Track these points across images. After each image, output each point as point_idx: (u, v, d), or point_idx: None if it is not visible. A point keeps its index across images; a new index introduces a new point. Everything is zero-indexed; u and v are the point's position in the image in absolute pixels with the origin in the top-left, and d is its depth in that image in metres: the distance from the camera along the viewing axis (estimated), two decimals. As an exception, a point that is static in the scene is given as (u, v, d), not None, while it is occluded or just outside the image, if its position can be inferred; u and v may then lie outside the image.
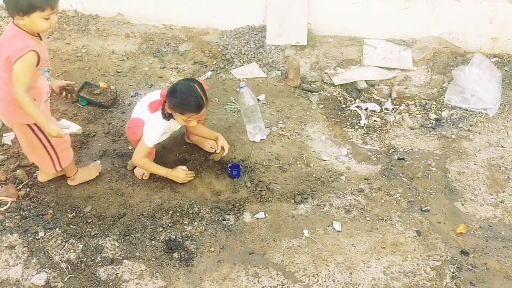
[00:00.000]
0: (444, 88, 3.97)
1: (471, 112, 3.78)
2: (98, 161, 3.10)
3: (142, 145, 2.82)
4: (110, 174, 3.08)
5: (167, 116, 2.80)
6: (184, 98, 2.69)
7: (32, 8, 2.26)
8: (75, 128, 2.59)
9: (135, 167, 3.09)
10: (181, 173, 2.98)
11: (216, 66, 4.14)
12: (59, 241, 2.66)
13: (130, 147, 3.26)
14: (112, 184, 3.01)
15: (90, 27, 4.43)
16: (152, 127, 2.81)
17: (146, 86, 3.85)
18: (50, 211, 2.82)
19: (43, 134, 2.61)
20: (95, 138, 3.33)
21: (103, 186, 2.99)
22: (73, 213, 2.82)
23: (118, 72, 3.96)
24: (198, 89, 2.72)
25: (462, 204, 3.04)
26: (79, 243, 2.65)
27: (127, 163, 3.13)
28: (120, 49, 4.21)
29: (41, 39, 2.47)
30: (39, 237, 2.66)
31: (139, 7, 4.49)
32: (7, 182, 2.96)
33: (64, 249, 2.62)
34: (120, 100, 3.67)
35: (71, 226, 2.75)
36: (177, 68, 4.09)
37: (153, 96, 2.94)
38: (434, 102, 3.88)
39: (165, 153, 3.24)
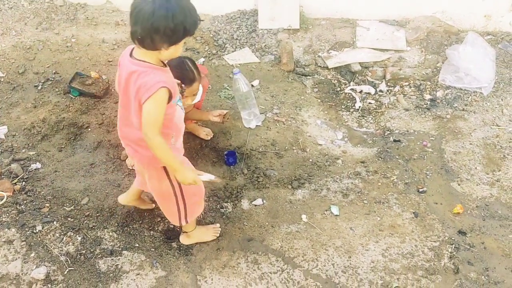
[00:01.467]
0: (438, 68, 3.95)
1: (466, 91, 3.77)
2: (218, 224, 2.73)
3: None
4: (106, 165, 3.06)
5: None
6: (176, 72, 2.53)
7: (185, 35, 1.96)
8: (211, 176, 2.32)
9: (127, 157, 3.07)
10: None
11: (209, 52, 4.09)
12: (57, 234, 2.65)
13: (124, 138, 3.24)
14: (108, 175, 2.99)
15: (79, 16, 4.35)
16: None
17: (138, 75, 3.80)
18: (47, 205, 2.81)
19: (177, 182, 2.26)
20: (89, 129, 3.30)
21: (99, 178, 2.97)
22: (71, 206, 2.80)
23: (110, 61, 3.90)
24: (189, 63, 2.67)
25: (459, 184, 3.06)
26: (77, 236, 2.65)
27: (121, 153, 3.11)
28: (110, 37, 4.15)
29: (165, 65, 2.09)
30: (37, 231, 2.65)
31: (128, -6, 4.41)
32: (2, 176, 2.93)
33: (63, 242, 2.61)
34: (113, 90, 3.62)
35: (69, 219, 2.74)
36: (169, 55, 4.04)
37: None
38: (429, 83, 3.87)
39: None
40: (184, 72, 2.65)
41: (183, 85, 2.36)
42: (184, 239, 2.63)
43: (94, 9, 4.44)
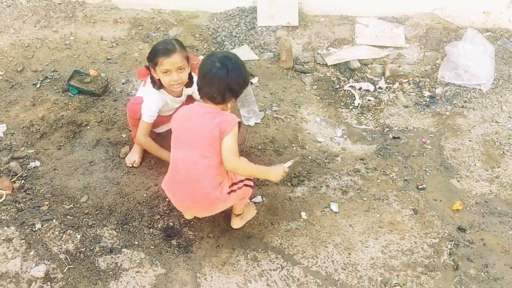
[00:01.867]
0: (437, 65, 3.95)
1: (465, 88, 3.77)
2: (251, 202, 2.85)
3: (141, 122, 2.83)
4: (105, 163, 3.05)
5: (156, 83, 2.78)
6: (156, 46, 2.71)
7: (245, 87, 2.39)
8: (291, 161, 2.58)
9: (126, 155, 3.07)
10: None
11: (207, 49, 4.08)
12: (56, 233, 2.65)
13: (123, 135, 3.23)
14: (107, 173, 2.99)
15: (77, 14, 4.34)
16: (147, 100, 2.82)
17: (137, 73, 3.80)
18: (46, 203, 2.80)
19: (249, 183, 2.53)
20: (88, 127, 3.29)
21: (98, 176, 2.97)
22: (70, 204, 2.80)
23: (108, 59, 3.90)
24: (172, 40, 2.74)
25: (458, 181, 3.06)
26: (77, 234, 2.64)
27: (120, 151, 3.11)
28: (109, 35, 4.14)
29: None
30: (36, 229, 2.65)
31: (126, -9, 4.41)
32: (1, 174, 2.93)
33: (62, 240, 2.61)
34: (111, 88, 3.62)
35: (68, 217, 2.73)
36: (168, 53, 4.03)
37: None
38: (428, 79, 3.87)
39: (158, 141, 3.21)
40: (162, 44, 2.69)
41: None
42: (237, 223, 2.68)
43: (93, 6, 4.43)
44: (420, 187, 2.99)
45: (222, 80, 2.25)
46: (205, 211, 2.55)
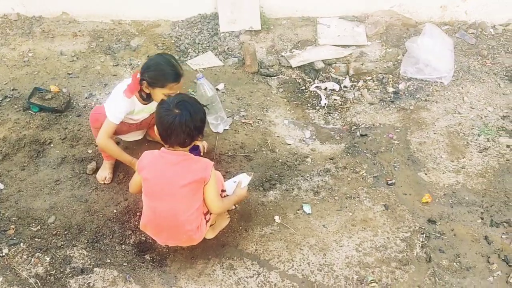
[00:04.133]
0: (399, 61, 4.02)
1: (427, 82, 3.85)
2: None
3: (106, 121, 2.73)
4: (72, 181, 2.98)
5: (145, 98, 2.76)
6: (162, 69, 2.63)
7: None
8: (246, 180, 2.72)
9: (96, 171, 3.00)
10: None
11: (171, 58, 4.04)
12: (24, 256, 2.57)
13: (89, 151, 3.17)
14: (74, 191, 2.92)
15: (34, 30, 4.24)
16: (115, 100, 2.73)
17: (100, 86, 3.73)
18: (12, 226, 2.71)
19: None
20: (52, 145, 3.21)
21: (65, 194, 2.90)
22: (37, 226, 2.72)
23: (69, 74, 3.81)
24: (172, 60, 2.71)
25: (426, 174, 3.11)
26: (46, 256, 2.57)
27: (86, 167, 3.04)
28: (68, 49, 4.05)
29: None
30: (3, 254, 2.56)
31: (84, 3, 4.32)
32: (-37, 201, 2.83)
33: (31, 264, 2.53)
34: (74, 103, 3.54)
35: (36, 239, 2.65)
36: (131, 64, 3.98)
37: (121, 87, 2.81)
38: (391, 76, 3.93)
39: (127, 152, 3.15)
40: (171, 68, 2.64)
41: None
42: (210, 233, 2.67)
43: (50, 21, 4.33)
44: (389, 182, 3.03)
45: (188, 124, 2.26)
46: (189, 244, 2.55)
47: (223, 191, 2.56)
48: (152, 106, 2.91)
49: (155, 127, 2.35)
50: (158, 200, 2.34)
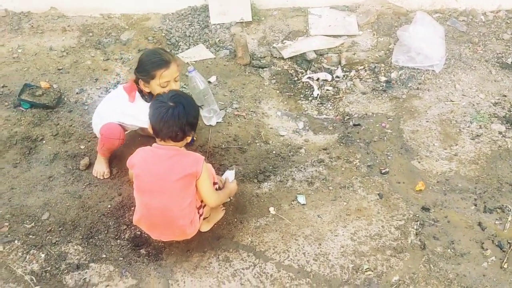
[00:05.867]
0: (390, 50, 4.02)
1: (419, 70, 3.85)
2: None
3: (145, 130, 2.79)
4: (65, 177, 2.96)
5: (148, 99, 2.76)
6: (150, 59, 2.69)
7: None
8: (231, 174, 2.81)
9: (89, 166, 2.99)
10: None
11: (162, 52, 4.01)
12: (19, 254, 2.56)
13: (82, 147, 3.15)
14: (67, 188, 2.90)
15: (23, 25, 4.19)
16: (132, 114, 2.81)
17: (91, 81, 3.70)
18: (6, 224, 2.70)
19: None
20: (44, 141, 3.18)
21: (58, 191, 2.88)
22: (31, 223, 2.70)
23: (59, 70, 3.78)
24: (160, 50, 2.78)
25: (419, 162, 3.13)
26: (41, 253, 2.56)
27: (79, 163, 3.02)
28: (58, 45, 4.01)
29: None
30: (-3, 252, 2.55)
31: (72, -2, 4.28)
32: (-45, 199, 2.81)
33: (26, 261, 2.52)
34: (65, 99, 3.52)
35: (30, 236, 2.64)
36: (122, 58, 3.95)
37: (114, 94, 2.90)
38: (383, 65, 3.93)
39: (122, 147, 3.14)
40: (158, 56, 2.67)
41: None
42: (205, 226, 2.67)
43: (39, 16, 4.28)
44: (383, 171, 3.04)
45: (182, 117, 2.28)
46: (183, 238, 2.56)
47: (215, 183, 2.56)
48: None
49: (148, 119, 2.35)
50: (150, 195, 2.34)
